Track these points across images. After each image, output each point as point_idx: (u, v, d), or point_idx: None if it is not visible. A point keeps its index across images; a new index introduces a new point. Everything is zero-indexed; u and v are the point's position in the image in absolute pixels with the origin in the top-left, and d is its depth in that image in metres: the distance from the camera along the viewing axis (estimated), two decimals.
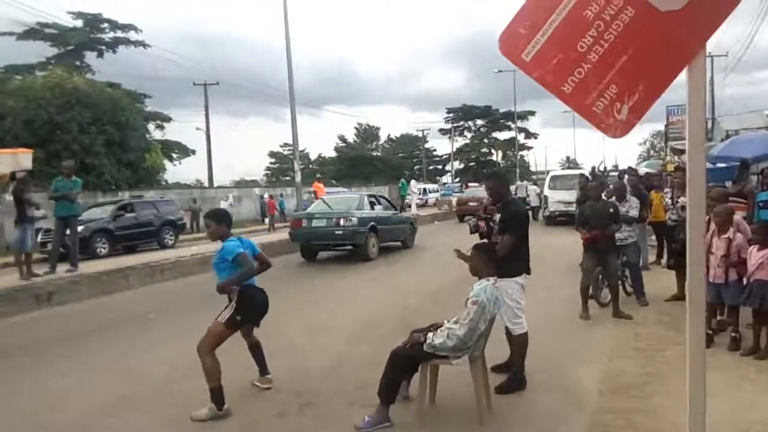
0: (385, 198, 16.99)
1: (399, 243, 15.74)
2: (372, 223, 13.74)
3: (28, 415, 4.67)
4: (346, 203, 14.49)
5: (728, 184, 8.46)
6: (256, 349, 5.00)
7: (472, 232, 5.01)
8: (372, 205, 14.85)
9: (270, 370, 5.03)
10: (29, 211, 9.95)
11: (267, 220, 23.48)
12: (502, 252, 4.55)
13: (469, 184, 42.12)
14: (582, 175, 16.94)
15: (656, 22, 1.86)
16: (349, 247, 13.86)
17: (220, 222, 4.69)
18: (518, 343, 4.72)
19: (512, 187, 25.42)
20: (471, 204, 21.74)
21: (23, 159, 10.71)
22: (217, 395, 4.34)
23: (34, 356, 6.37)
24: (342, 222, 13.07)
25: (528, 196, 24.20)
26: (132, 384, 5.31)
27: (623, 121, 1.87)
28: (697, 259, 2.08)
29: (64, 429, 4.33)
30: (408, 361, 4.15)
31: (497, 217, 4.82)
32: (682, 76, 1.92)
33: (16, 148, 13.74)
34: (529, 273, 4.81)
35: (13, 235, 10.90)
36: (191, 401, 4.51)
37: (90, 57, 35.09)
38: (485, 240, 4.81)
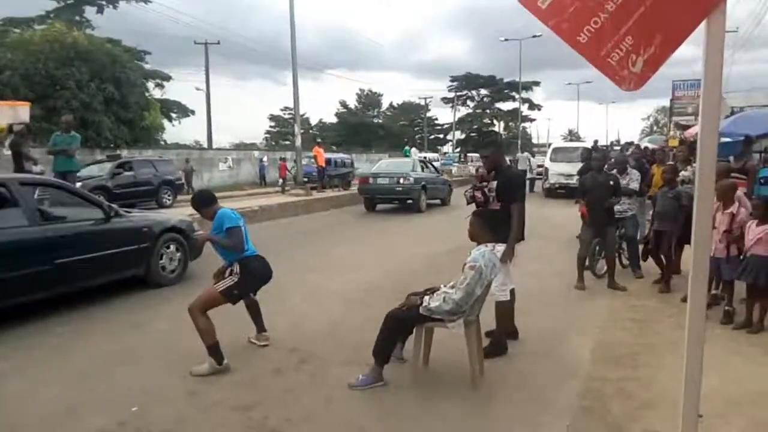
0: (431, 163, 20.05)
1: (439, 201, 18.41)
2: (423, 182, 16.93)
3: (32, 364, 4.72)
4: (404, 166, 17.52)
5: (731, 160, 8.42)
6: (253, 308, 5.05)
7: (468, 203, 5.05)
8: (423, 168, 18.00)
9: (267, 328, 5.09)
10: (26, 166, 9.89)
11: (280, 182, 23.66)
12: (519, 219, 4.70)
13: (468, 154, 41.92)
14: (585, 148, 16.87)
15: None
16: (408, 201, 16.70)
17: (204, 206, 4.70)
18: (501, 309, 4.77)
19: (512, 158, 25.30)
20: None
21: (21, 111, 10.61)
22: (215, 351, 4.39)
23: (33, 309, 6.40)
24: (401, 181, 16.34)
25: (530, 167, 24.03)
26: (133, 337, 5.39)
27: (637, 74, 1.83)
28: (703, 232, 2.07)
29: (68, 378, 4.38)
30: (403, 323, 4.18)
31: (493, 185, 4.83)
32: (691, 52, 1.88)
33: (14, 101, 13.62)
34: (523, 239, 4.86)
35: None
36: (191, 356, 4.56)
37: (90, 12, 34.44)
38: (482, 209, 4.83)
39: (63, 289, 6.11)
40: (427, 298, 4.16)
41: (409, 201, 16.58)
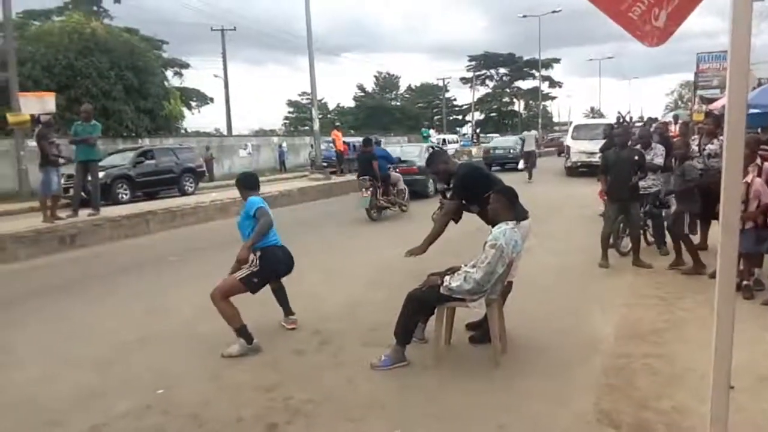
0: (522, 139, 23.39)
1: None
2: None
3: (57, 348, 4.82)
4: (511, 141, 26.45)
5: (759, 131, 8.18)
6: (280, 292, 5.07)
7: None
8: (522, 143, 22.67)
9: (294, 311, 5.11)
10: (52, 155, 10.02)
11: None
12: (438, 221, 5.12)
13: (485, 135, 41.30)
14: (607, 124, 16.54)
15: None
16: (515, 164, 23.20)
17: (244, 187, 4.87)
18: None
19: (519, 138, 26.16)
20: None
21: (48, 102, 10.77)
22: (243, 333, 4.45)
23: (60, 295, 6.54)
24: (511, 151, 25.03)
25: (538, 144, 24.57)
26: (157, 322, 5.46)
27: (660, 29, 1.75)
28: (732, 205, 1.99)
29: (92, 362, 4.46)
30: (424, 303, 4.16)
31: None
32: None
33: (39, 92, 13.84)
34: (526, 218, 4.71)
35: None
36: (215, 339, 4.62)
37: (107, 2, 34.70)
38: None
39: None
40: (447, 277, 4.12)
41: (515, 164, 23.55)
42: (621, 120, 14.91)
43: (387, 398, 3.68)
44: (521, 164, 21.79)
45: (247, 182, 4.91)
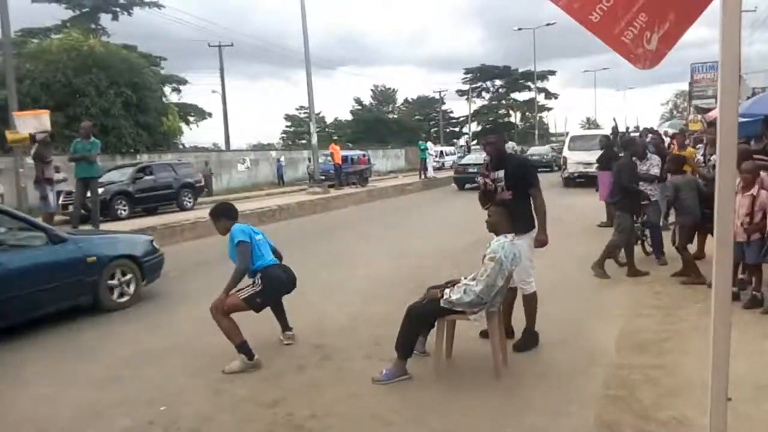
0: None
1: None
2: (555, 158, 28.36)
3: (59, 367, 4.82)
4: (544, 150, 31.24)
5: (752, 142, 8.22)
6: (277, 307, 5.07)
7: (483, 192, 4.78)
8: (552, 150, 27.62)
9: (291, 326, 5.11)
10: (48, 173, 10.06)
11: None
12: (543, 207, 4.53)
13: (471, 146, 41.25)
14: (604, 135, 16.64)
15: None
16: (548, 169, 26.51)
17: (215, 217, 4.81)
18: (530, 302, 4.67)
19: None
20: (470, 170, 21.88)
21: (44, 119, 10.82)
22: (244, 348, 4.44)
23: (61, 313, 6.51)
24: (544, 158, 29.12)
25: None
26: (158, 338, 5.45)
27: (653, 51, 1.79)
28: (725, 215, 2.02)
29: (95, 379, 4.46)
30: (425, 317, 4.17)
31: (498, 174, 4.62)
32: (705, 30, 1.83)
33: (34, 110, 13.88)
34: (534, 228, 4.67)
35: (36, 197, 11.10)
36: (216, 355, 4.62)
37: (105, 19, 34.87)
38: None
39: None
40: (447, 290, 4.14)
41: (548, 169, 27.52)
42: (615, 127, 14.99)
43: (389, 412, 3.68)
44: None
45: (216, 211, 4.87)
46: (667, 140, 12.24)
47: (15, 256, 5.76)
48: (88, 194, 10.68)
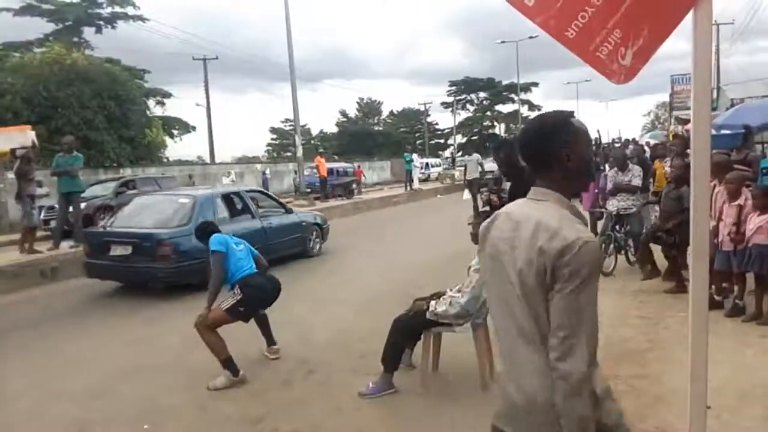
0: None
1: None
2: None
3: (43, 382, 4.75)
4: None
5: (733, 152, 8.37)
6: (262, 322, 5.04)
7: (484, 206, 4.94)
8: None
9: (276, 340, 5.09)
10: (30, 189, 9.94)
11: (354, 187, 25.35)
12: None
13: (456, 158, 41.24)
14: None
15: None
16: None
17: (204, 240, 4.86)
18: None
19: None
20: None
21: (28, 134, 10.73)
22: (229, 364, 4.41)
23: (45, 328, 6.43)
24: None
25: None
26: (144, 353, 5.40)
27: (627, 67, 1.83)
28: (701, 226, 2.06)
29: (80, 395, 4.40)
30: (411, 329, 4.18)
31: (506, 185, 4.68)
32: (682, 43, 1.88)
33: (16, 125, 13.73)
34: None
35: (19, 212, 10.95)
36: (203, 370, 4.58)
37: (88, 33, 34.65)
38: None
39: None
40: (433, 303, 4.15)
41: None
42: (598, 139, 15.18)
43: (375, 426, 3.67)
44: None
45: (203, 231, 4.94)
46: (648, 151, 12.40)
47: (275, 219, 9.80)
48: (71, 209, 10.55)
